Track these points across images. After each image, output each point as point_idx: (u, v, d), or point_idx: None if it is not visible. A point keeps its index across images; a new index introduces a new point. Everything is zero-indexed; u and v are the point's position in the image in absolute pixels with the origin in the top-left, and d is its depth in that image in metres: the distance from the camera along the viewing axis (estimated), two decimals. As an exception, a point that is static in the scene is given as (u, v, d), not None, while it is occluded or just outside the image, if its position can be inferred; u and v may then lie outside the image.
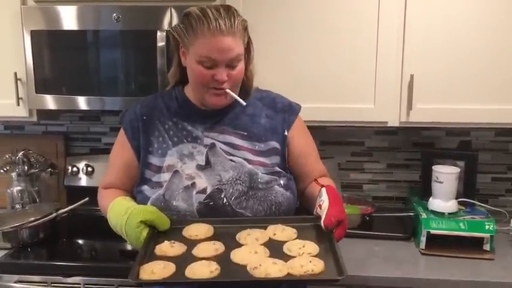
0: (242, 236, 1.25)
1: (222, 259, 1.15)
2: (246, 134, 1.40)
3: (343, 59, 1.82)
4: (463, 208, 1.86)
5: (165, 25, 1.78)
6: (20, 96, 1.92)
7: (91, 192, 1.91)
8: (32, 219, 1.85)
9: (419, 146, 2.16)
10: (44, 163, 2.22)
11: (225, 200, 1.32)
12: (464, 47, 1.76)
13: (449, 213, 1.80)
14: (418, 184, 2.13)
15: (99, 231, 2.01)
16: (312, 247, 1.18)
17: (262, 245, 1.21)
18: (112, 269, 1.71)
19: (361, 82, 1.82)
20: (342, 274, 1.05)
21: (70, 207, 1.93)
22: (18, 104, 1.93)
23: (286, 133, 1.43)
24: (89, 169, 2.23)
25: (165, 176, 1.35)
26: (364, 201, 2.08)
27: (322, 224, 1.21)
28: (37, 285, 1.70)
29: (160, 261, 1.14)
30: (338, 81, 1.83)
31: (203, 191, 1.33)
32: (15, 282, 1.70)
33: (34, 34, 1.84)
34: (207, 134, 1.39)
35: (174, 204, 1.31)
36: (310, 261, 1.11)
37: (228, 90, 1.33)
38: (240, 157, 1.37)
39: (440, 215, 1.80)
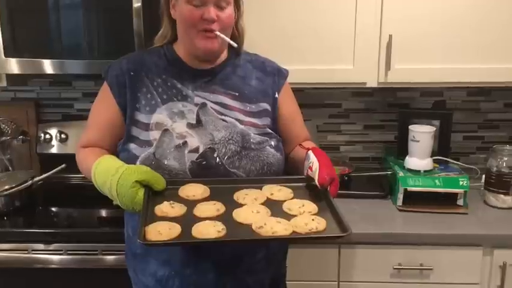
0: (240, 196, 1.24)
1: (226, 219, 1.14)
2: (237, 94, 1.39)
3: (322, 21, 1.81)
4: (437, 166, 1.92)
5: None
6: (-13, 60, 1.83)
7: (65, 159, 1.89)
8: (7, 187, 1.81)
9: (395, 107, 2.19)
10: (15, 130, 2.14)
11: (217, 160, 1.31)
12: (440, 8, 1.77)
13: (424, 171, 1.85)
14: (393, 144, 2.17)
15: (75, 199, 2.02)
16: (311, 206, 1.20)
17: (261, 204, 1.21)
18: (93, 234, 1.70)
19: (340, 43, 1.82)
20: (346, 231, 1.07)
21: (46, 175, 1.89)
22: (-14, 69, 1.84)
23: (276, 95, 1.43)
24: (62, 136, 2.17)
25: (154, 134, 1.32)
26: (342, 162, 2.12)
27: (317, 183, 1.23)
28: (17, 253, 1.67)
29: (164, 222, 1.12)
30: (317, 42, 1.82)
31: (195, 150, 1.31)
32: (-6, 251, 1.68)
33: (0, -6, 1.75)
34: (198, 93, 1.37)
35: (165, 163, 1.29)
36: (313, 220, 1.12)
37: (218, 33, 1.30)
38: (232, 117, 1.36)
39: (416, 172, 1.85)
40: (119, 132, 1.37)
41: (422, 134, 1.84)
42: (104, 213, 1.86)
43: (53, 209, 1.97)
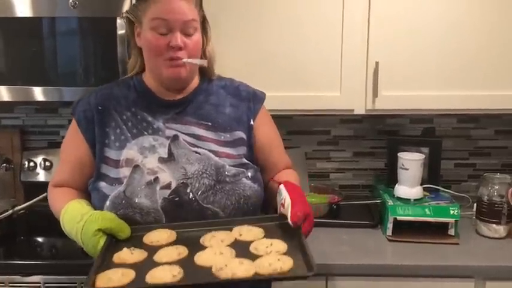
0: (206, 238, 1.19)
1: (186, 262, 1.09)
2: (210, 124, 1.34)
3: (309, 48, 1.80)
4: (428, 194, 1.88)
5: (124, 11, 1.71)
6: (-28, 88, 1.81)
7: (49, 187, 1.85)
8: (-13, 216, 1.76)
9: (384, 134, 2.17)
10: (-2, 158, 2.11)
11: (191, 195, 1.26)
12: (427, 35, 1.77)
13: (414, 200, 1.81)
14: (384, 172, 2.14)
15: (58, 228, 1.94)
16: (280, 245, 1.14)
17: (228, 246, 1.16)
18: (73, 266, 1.64)
19: (327, 70, 1.80)
20: (311, 270, 1.02)
21: (27, 204, 1.85)
22: (-29, 97, 1.82)
23: (251, 122, 1.38)
24: (47, 164, 2.13)
25: (125, 171, 1.27)
26: (331, 190, 2.09)
27: (290, 222, 1.18)
28: (-6, 286, 1.62)
29: (118, 269, 1.07)
30: (304, 69, 1.81)
31: (167, 186, 1.26)
32: (-30, 283, 1.62)
33: (-15, 21, 1.74)
34: (169, 125, 1.32)
35: (136, 201, 1.24)
36: (279, 259, 1.07)
37: (185, 60, 1.27)
38: (205, 149, 1.31)
39: (406, 201, 1.81)
40: (88, 171, 1.33)
41: (411, 162, 1.81)
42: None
43: (34, 239, 1.92)
